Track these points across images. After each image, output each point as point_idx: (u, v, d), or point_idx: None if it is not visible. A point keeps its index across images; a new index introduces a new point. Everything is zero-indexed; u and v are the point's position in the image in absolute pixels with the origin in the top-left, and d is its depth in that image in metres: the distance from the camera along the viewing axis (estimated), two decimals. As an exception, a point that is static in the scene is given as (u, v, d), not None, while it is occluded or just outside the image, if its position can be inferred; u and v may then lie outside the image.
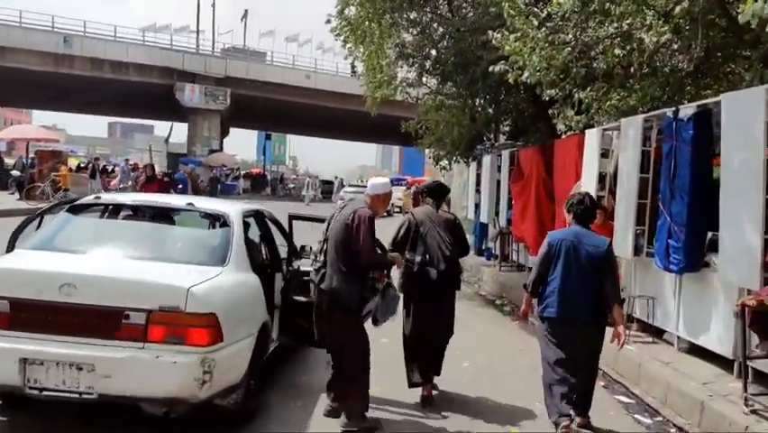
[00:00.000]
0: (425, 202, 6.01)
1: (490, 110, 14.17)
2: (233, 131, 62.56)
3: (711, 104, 6.27)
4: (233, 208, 5.20)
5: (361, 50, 16.90)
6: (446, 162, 17.11)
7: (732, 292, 5.88)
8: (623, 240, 7.60)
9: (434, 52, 13.65)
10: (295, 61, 49.20)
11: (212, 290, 4.16)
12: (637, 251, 7.49)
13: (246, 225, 5.28)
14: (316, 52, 53.77)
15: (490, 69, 9.00)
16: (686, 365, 6.25)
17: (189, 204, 4.99)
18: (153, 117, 50.70)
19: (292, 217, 6.32)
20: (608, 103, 8.46)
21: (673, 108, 6.66)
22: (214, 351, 4.00)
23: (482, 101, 13.75)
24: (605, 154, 8.71)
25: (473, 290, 12.15)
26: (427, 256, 5.58)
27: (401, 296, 5.46)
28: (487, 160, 15.02)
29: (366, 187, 5.21)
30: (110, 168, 34.24)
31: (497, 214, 14.07)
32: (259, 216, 5.85)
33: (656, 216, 7.30)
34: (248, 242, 5.15)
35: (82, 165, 29.42)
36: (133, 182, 28.20)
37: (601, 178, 8.68)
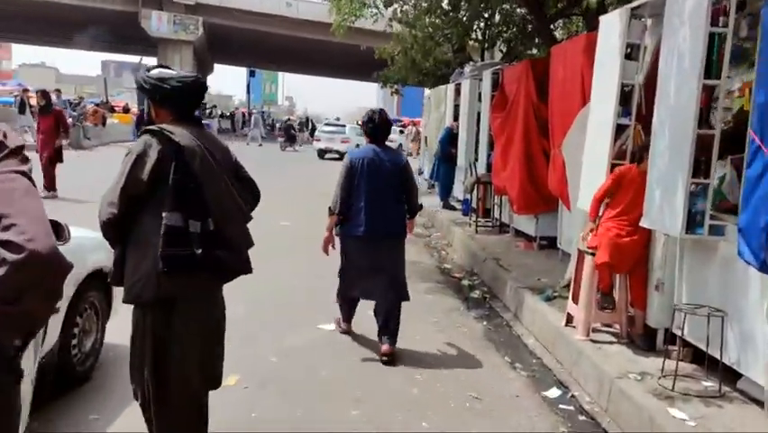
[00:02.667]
0: (163, 118, 2.81)
1: (463, 11, 10.47)
2: (222, 68, 58.37)
3: None
4: None
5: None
6: (398, 86, 13.59)
7: None
8: (666, 204, 4.18)
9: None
10: (275, -12, 44.55)
11: None
12: (691, 224, 4.07)
13: None
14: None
15: None
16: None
17: None
18: (122, 50, 46.45)
19: None
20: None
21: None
22: None
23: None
24: (631, 55, 5.18)
25: (434, 262, 8.76)
26: (210, 222, 2.68)
27: None
28: (466, 85, 11.48)
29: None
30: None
31: (476, 157, 10.63)
32: None
33: (731, 157, 3.92)
34: None
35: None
36: (75, 119, 24.70)
37: (625, 97, 5.19)
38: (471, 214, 10.35)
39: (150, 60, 45.59)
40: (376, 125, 4.90)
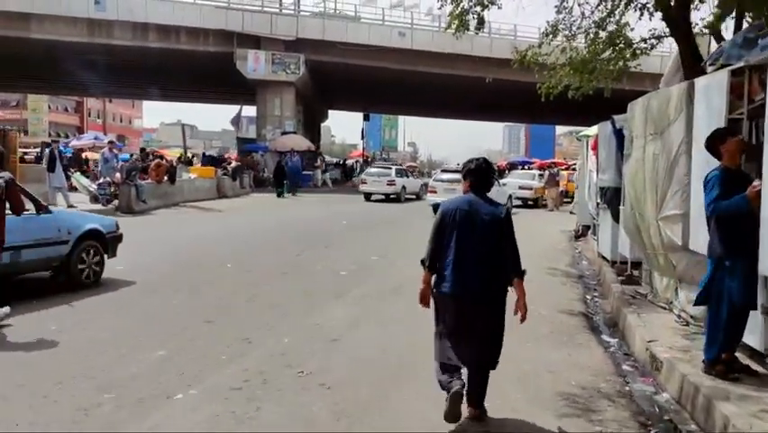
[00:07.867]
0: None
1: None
2: (345, 116, 53.96)
3: None
4: None
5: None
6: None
7: None
8: None
9: None
10: (385, 17, 39.08)
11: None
12: None
13: None
14: (426, 19, 42.24)
15: None
16: None
17: None
18: (216, 98, 42.64)
19: None
20: None
21: None
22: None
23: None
24: None
25: None
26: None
27: None
28: (712, 83, 4.40)
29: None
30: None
31: None
32: None
33: None
34: None
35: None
36: (125, 174, 19.55)
37: None
38: None
39: (251, 109, 41.52)
40: (476, 173, 4.41)
